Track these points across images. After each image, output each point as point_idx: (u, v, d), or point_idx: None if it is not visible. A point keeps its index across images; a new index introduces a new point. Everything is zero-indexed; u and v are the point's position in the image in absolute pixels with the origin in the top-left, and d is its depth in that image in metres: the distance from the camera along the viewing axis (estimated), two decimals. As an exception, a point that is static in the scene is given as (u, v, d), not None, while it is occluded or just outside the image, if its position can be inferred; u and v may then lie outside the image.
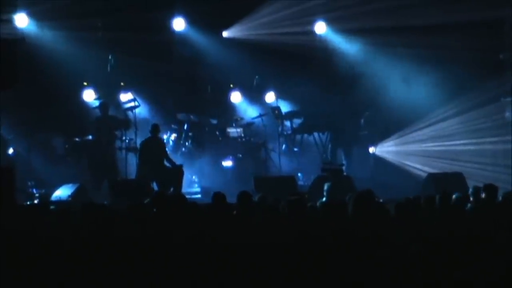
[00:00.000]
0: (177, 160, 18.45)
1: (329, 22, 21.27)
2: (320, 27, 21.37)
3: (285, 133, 20.93)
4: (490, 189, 11.79)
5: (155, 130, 17.66)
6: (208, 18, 20.41)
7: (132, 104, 19.13)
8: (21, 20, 19.04)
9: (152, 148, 17.50)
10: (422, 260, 8.13)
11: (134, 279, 7.84)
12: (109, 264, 7.91)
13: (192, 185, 19.49)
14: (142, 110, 19.79)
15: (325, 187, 14.38)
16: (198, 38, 20.92)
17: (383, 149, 21.22)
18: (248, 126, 20.47)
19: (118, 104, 19.61)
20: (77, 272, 7.79)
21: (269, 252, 8.13)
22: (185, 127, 19.90)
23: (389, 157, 21.17)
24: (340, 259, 8.05)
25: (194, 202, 10.57)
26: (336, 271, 7.96)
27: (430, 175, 18.36)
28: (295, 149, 21.13)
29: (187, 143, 19.76)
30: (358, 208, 9.29)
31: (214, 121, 20.21)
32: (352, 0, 20.41)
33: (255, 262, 8.03)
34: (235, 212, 10.32)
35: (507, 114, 20.29)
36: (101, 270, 7.85)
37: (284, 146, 20.84)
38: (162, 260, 7.98)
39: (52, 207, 11.25)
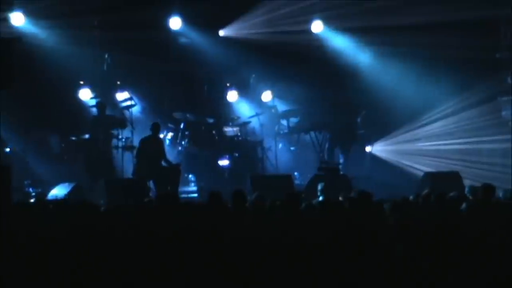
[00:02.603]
0: (173, 159, 18.46)
1: (326, 20, 21.25)
2: (317, 26, 21.35)
3: (281, 132, 20.94)
4: (488, 188, 11.77)
5: (156, 129, 17.67)
6: (204, 17, 20.39)
7: (128, 103, 19.14)
8: (18, 19, 19.02)
9: (151, 147, 17.51)
10: (416, 259, 8.15)
11: (131, 277, 7.84)
12: (106, 263, 7.92)
13: (189, 184, 19.49)
14: (138, 109, 19.79)
15: (319, 187, 14.39)
16: (195, 37, 20.90)
17: (379, 148, 21.24)
18: (244, 125, 20.45)
19: (115, 103, 19.60)
20: (75, 271, 7.80)
21: (266, 251, 8.14)
22: (182, 126, 19.87)
23: (386, 156, 21.20)
24: (338, 257, 8.06)
25: (190, 201, 10.58)
26: (333, 270, 7.96)
27: (427, 174, 18.37)
28: (292, 148, 21.15)
29: (183, 142, 19.74)
30: (357, 207, 9.30)
31: (211, 120, 20.20)
32: (348, -1, 20.47)
33: (253, 260, 8.03)
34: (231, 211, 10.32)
35: (504, 113, 20.32)
36: (98, 269, 7.86)
37: (280, 145, 20.85)
38: (160, 259, 7.99)
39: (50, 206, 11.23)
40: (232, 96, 21.22)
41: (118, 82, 19.84)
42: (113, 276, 7.84)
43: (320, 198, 13.90)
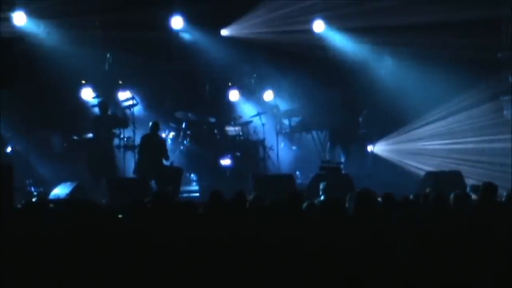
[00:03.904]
0: (175, 158, 18.48)
1: (328, 20, 21.25)
2: (319, 26, 21.35)
3: (283, 131, 20.96)
4: (488, 187, 11.74)
5: (156, 128, 17.69)
6: (206, 16, 20.39)
7: (130, 102, 19.16)
8: (20, 19, 19.04)
9: (152, 145, 17.55)
10: (419, 259, 8.15)
11: (132, 278, 7.85)
12: (107, 263, 7.93)
13: (191, 184, 19.51)
14: (140, 108, 19.81)
15: (321, 186, 14.42)
16: (197, 36, 20.91)
17: (381, 148, 21.23)
18: (246, 125, 20.45)
19: (116, 102, 19.62)
20: (76, 271, 7.81)
21: (268, 251, 8.14)
22: (184, 125, 19.88)
23: (388, 155, 21.19)
24: (340, 257, 8.06)
25: (191, 201, 10.58)
26: (335, 269, 7.97)
27: (428, 173, 18.38)
28: (294, 148, 21.16)
29: (185, 142, 19.75)
30: (359, 207, 9.29)
31: (213, 120, 20.20)
32: (350, -2, 20.48)
33: (254, 260, 8.04)
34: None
35: (506, 112, 20.31)
36: (98, 268, 7.87)
37: (282, 145, 20.86)
38: (162, 258, 7.99)
39: (50, 205, 11.25)
40: (233, 95, 21.23)
41: (120, 82, 19.84)
42: (114, 275, 7.85)
43: (322, 198, 13.91)
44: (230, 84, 21.25)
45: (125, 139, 18.68)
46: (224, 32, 21.12)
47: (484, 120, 20.44)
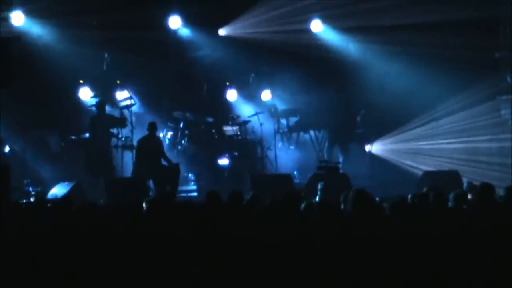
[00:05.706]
0: (173, 158, 18.46)
1: (325, 20, 21.26)
2: (317, 25, 21.36)
3: (281, 131, 20.95)
4: (486, 188, 11.73)
5: (153, 128, 17.68)
6: (204, 16, 20.40)
7: (128, 102, 19.16)
8: (17, 18, 19.03)
9: (150, 146, 17.53)
10: (417, 259, 8.15)
11: (130, 278, 7.85)
12: (106, 263, 7.93)
13: (188, 184, 19.49)
14: (138, 108, 19.80)
15: (319, 186, 14.41)
16: (194, 36, 20.91)
17: (379, 147, 21.24)
18: (244, 124, 20.45)
19: (114, 102, 19.62)
20: (75, 272, 7.81)
21: (265, 250, 8.14)
22: (181, 125, 19.88)
23: (385, 155, 21.20)
24: (337, 257, 8.06)
25: (189, 201, 10.58)
26: (332, 269, 7.97)
27: (426, 173, 18.38)
28: (291, 147, 21.14)
29: (183, 141, 19.75)
30: (357, 207, 9.29)
31: (210, 119, 20.21)
32: (348, -2, 20.49)
33: (251, 260, 8.04)
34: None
35: (503, 112, 20.32)
36: (96, 268, 7.87)
37: (280, 144, 20.85)
38: (159, 258, 7.99)
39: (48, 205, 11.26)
40: (231, 95, 21.23)
41: (118, 81, 19.84)
42: (111, 275, 7.85)
43: (317, 198, 13.90)
44: (227, 83, 21.24)
45: (122, 139, 18.68)
46: (222, 31, 21.13)
47: (482, 120, 20.45)
